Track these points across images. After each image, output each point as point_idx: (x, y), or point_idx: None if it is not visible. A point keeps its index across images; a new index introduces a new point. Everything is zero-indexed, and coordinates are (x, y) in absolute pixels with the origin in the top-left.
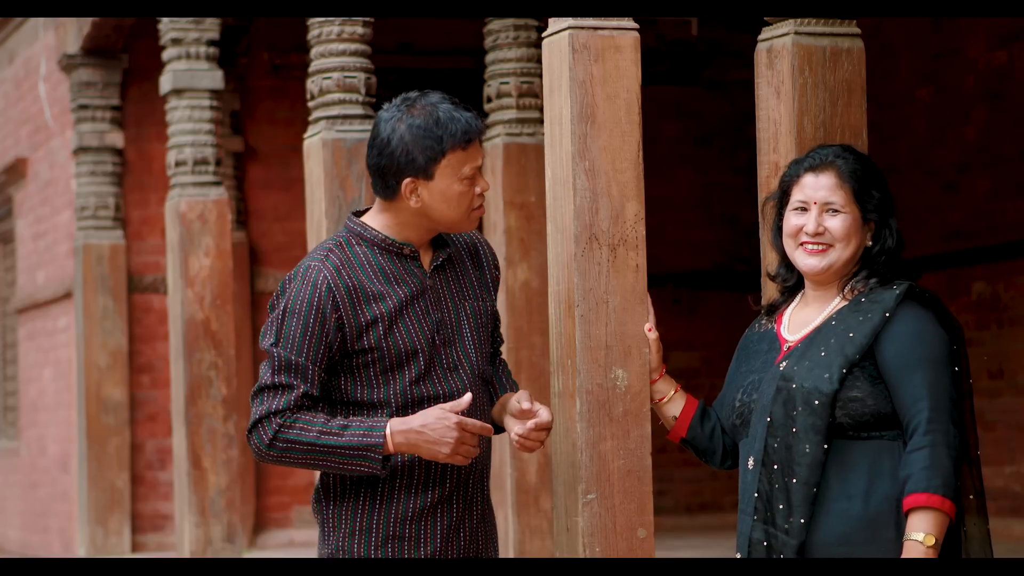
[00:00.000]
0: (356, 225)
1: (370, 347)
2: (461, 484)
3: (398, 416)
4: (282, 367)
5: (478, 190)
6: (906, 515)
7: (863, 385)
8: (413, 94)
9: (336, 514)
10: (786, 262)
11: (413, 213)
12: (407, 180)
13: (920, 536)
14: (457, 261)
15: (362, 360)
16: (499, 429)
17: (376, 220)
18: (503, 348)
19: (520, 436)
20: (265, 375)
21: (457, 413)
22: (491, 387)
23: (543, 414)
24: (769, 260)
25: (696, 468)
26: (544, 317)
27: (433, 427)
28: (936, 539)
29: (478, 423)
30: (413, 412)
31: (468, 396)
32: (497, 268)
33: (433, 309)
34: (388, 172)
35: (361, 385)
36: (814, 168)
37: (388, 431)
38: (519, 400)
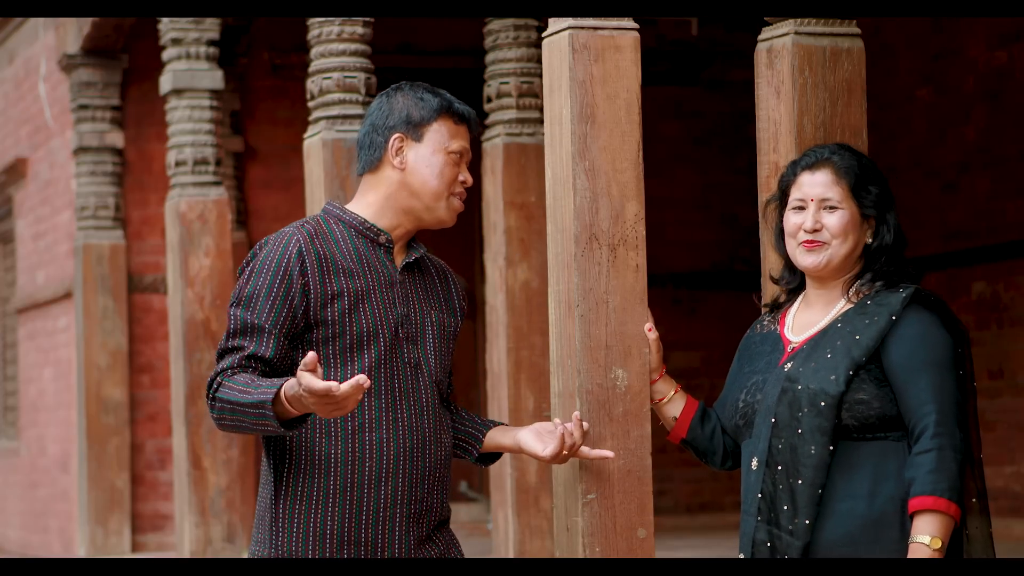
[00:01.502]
0: (335, 208)
1: (332, 320)
2: (415, 484)
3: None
4: (237, 330)
5: (462, 178)
6: (911, 517)
7: (869, 387)
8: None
9: (286, 514)
10: (789, 265)
11: (395, 184)
12: (395, 135)
13: (926, 539)
14: (427, 272)
15: (322, 334)
16: (487, 458)
17: (356, 206)
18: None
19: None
20: (221, 340)
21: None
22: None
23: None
24: (771, 262)
25: (696, 468)
26: (544, 317)
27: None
28: (942, 542)
29: (319, 385)
30: (370, 402)
31: (363, 378)
32: (466, 302)
33: (400, 303)
34: (378, 129)
35: (318, 364)
36: (810, 166)
37: (283, 387)
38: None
